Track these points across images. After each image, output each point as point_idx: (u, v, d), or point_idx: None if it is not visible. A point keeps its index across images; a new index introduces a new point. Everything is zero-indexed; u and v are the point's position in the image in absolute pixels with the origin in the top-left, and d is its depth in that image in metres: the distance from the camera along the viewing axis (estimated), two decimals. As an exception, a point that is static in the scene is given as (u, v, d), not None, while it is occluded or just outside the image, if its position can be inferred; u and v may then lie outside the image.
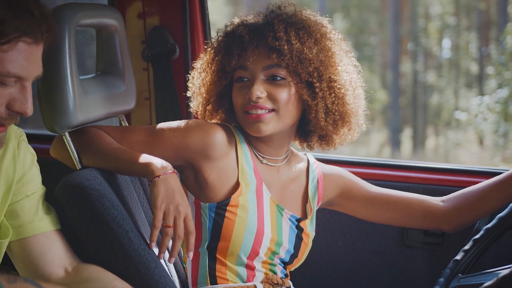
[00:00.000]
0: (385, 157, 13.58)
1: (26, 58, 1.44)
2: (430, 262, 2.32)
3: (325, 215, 2.26)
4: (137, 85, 2.43)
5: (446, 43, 15.63)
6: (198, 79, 2.03)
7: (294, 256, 2.03)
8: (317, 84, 1.89)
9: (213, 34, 2.09)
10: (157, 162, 1.77)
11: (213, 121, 2.05)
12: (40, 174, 1.78)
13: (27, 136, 1.79)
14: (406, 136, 15.20)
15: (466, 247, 1.78)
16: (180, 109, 2.40)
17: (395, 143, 14.50)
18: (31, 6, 1.43)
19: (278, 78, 1.88)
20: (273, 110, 1.89)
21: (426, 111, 15.37)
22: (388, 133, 15.10)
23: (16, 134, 1.71)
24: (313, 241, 2.09)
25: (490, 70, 12.35)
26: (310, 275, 2.35)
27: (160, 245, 1.75)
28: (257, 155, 1.99)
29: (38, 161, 1.80)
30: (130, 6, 2.42)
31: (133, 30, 2.43)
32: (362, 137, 15.12)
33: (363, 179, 2.15)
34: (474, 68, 14.89)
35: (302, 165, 2.10)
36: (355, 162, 2.45)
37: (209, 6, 2.45)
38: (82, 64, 2.14)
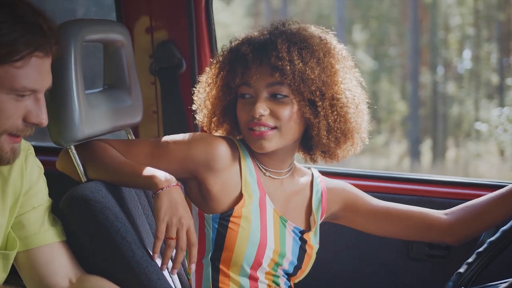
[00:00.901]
0: (405, 169, 13.54)
1: (39, 72, 1.51)
2: (435, 275, 2.32)
3: (330, 228, 2.27)
4: (145, 98, 2.47)
5: (466, 54, 15.56)
6: (203, 93, 2.06)
7: (297, 267, 2.05)
8: (319, 103, 1.91)
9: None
10: (161, 175, 1.80)
11: (218, 132, 2.08)
12: (46, 187, 1.82)
13: (35, 149, 1.83)
14: (426, 147, 15.13)
15: (470, 260, 1.78)
16: (186, 122, 2.43)
17: (415, 154, 14.44)
18: (40, 21, 1.49)
19: (281, 96, 1.91)
20: (275, 127, 1.91)
21: (446, 122, 15.30)
22: (407, 144, 15.04)
23: (24, 148, 1.75)
24: (319, 253, 2.11)
25: (510, 81, 12.29)
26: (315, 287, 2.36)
27: (163, 256, 1.78)
28: (261, 167, 2.01)
29: (45, 173, 1.84)
30: (138, 21, 2.46)
31: (141, 45, 2.47)
32: (382, 149, 15.10)
33: (366, 191, 2.16)
34: (494, 79, 14.80)
35: (306, 179, 2.12)
36: (359, 175, 2.46)
37: (229, 19, 2.49)
38: (94, 77, 2.18)
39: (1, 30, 1.43)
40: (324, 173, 2.24)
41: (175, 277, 2.01)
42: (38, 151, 1.89)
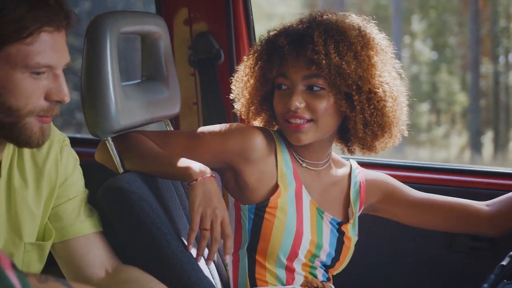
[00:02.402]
0: (465, 161, 13.31)
1: (51, 47, 1.49)
2: (478, 267, 2.27)
3: (370, 220, 2.23)
4: (185, 90, 2.48)
5: (529, 42, 15.17)
6: (241, 82, 2.05)
7: (335, 259, 2.03)
8: (356, 97, 1.88)
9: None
10: (196, 166, 1.80)
11: (256, 121, 2.08)
12: (82, 178, 1.83)
13: (74, 141, 1.85)
14: (488, 139, 14.83)
15: None
16: (225, 113, 2.43)
17: (476, 146, 14.16)
18: None
19: (317, 88, 1.89)
20: (311, 120, 1.89)
21: (509, 113, 14.95)
22: (468, 136, 14.77)
23: (59, 140, 1.76)
24: (358, 245, 2.08)
25: None
26: (354, 279, 2.33)
27: (197, 247, 1.78)
28: (297, 158, 2.00)
29: (84, 164, 1.86)
30: (177, 13, 2.46)
31: (180, 36, 2.48)
32: (442, 140, 14.86)
33: (406, 183, 2.13)
34: (558, 68, 14.40)
35: (344, 170, 2.09)
36: (399, 166, 2.42)
37: (286, 11, 2.48)
38: (136, 69, 2.20)
39: (6, 9, 1.42)
40: (364, 164, 2.21)
41: (213, 267, 2.01)
42: (77, 142, 1.92)
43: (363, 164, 2.20)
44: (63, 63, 1.54)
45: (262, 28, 2.04)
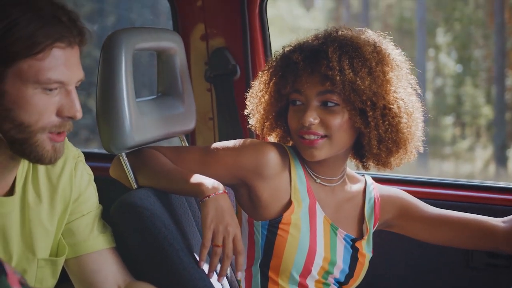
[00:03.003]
0: (490, 175, 13.18)
1: (64, 63, 1.49)
2: (496, 285, 2.25)
3: (386, 236, 2.22)
4: (201, 105, 2.49)
5: (555, 56, 15.02)
6: (255, 98, 2.05)
7: (349, 276, 2.01)
8: (370, 113, 1.87)
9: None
10: (208, 182, 1.80)
11: (271, 137, 2.08)
12: (96, 193, 1.84)
13: (89, 155, 1.86)
14: (513, 152, 14.68)
15: None
16: (241, 128, 2.43)
17: (501, 159, 14.03)
18: (58, 13, 1.48)
19: (331, 104, 1.88)
20: (325, 136, 1.89)
21: (534, 126, 14.81)
22: (493, 150, 14.64)
23: (74, 155, 1.77)
24: (373, 262, 2.07)
25: None
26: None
27: (209, 264, 1.78)
28: (311, 174, 1.99)
29: (99, 179, 1.87)
30: (194, 28, 2.48)
31: (197, 52, 2.50)
32: (467, 154, 14.74)
33: (421, 199, 2.11)
34: None
35: (359, 186, 2.08)
36: (414, 181, 2.40)
37: (310, 24, 2.48)
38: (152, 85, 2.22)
39: (19, 25, 1.43)
40: (380, 180, 2.20)
41: (226, 283, 2.01)
42: (93, 157, 1.93)
43: (378, 180, 2.19)
44: (76, 79, 1.54)
45: (285, 41, 2.03)
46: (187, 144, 2.23)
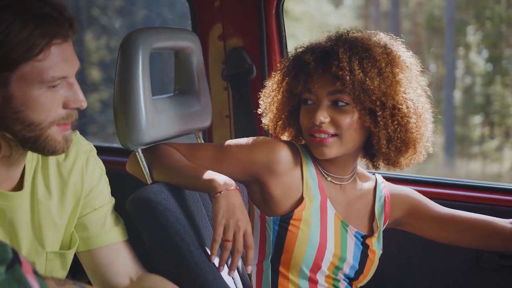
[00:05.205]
0: (519, 175, 13.05)
1: (63, 59, 1.53)
2: (506, 285, 2.26)
3: (398, 234, 2.25)
4: (218, 103, 2.54)
5: None
6: (268, 98, 2.10)
7: (359, 272, 2.05)
8: (380, 113, 1.91)
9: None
10: (220, 178, 1.85)
11: (284, 136, 2.12)
12: (108, 187, 1.88)
13: (103, 149, 1.90)
14: (543, 152, 14.51)
15: None
16: (256, 126, 2.47)
17: (531, 160, 13.88)
18: (48, 10, 1.50)
19: (342, 103, 1.92)
20: (336, 134, 1.93)
21: None
22: (523, 149, 14.47)
23: (86, 150, 1.81)
24: (384, 259, 2.11)
25: None
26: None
27: (219, 258, 1.83)
28: (322, 172, 2.04)
29: (114, 173, 1.91)
30: (211, 28, 2.53)
31: (214, 51, 2.54)
32: (495, 154, 14.62)
33: (431, 198, 2.14)
34: None
35: (369, 184, 2.12)
36: (425, 182, 2.43)
37: (338, 21, 2.51)
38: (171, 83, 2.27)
39: (14, 30, 1.45)
40: (391, 179, 2.23)
41: (237, 277, 2.06)
42: (106, 151, 1.97)
43: (389, 179, 2.22)
44: (75, 70, 1.58)
45: (315, 38, 2.07)
46: (202, 141, 2.28)
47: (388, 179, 2.21)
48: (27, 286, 1.05)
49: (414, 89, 1.98)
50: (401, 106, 1.92)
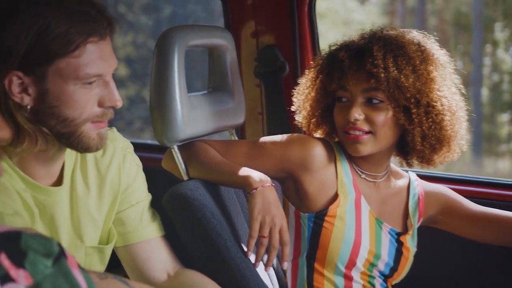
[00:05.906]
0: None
1: (99, 56, 1.54)
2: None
3: (433, 233, 2.23)
4: (251, 100, 2.55)
5: None
6: (302, 95, 2.11)
7: (394, 269, 2.06)
8: (414, 110, 1.91)
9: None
10: (256, 175, 1.86)
11: (317, 133, 2.13)
12: (145, 183, 1.90)
13: (143, 146, 1.92)
14: None
15: None
16: (288, 123, 2.48)
17: None
18: (86, 8, 1.52)
19: (376, 101, 1.93)
20: (370, 132, 1.94)
21: None
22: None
23: (123, 147, 1.83)
24: (420, 258, 2.10)
25: None
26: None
27: (256, 254, 1.84)
28: (356, 169, 2.04)
29: (151, 170, 1.93)
30: (244, 26, 2.54)
31: (247, 49, 2.56)
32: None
33: (466, 197, 2.13)
34: None
35: (403, 182, 2.13)
36: (460, 180, 2.41)
37: (364, 18, 2.51)
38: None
39: (51, 26, 1.47)
40: (424, 177, 2.23)
41: (272, 273, 2.07)
42: (143, 148, 1.98)
43: (423, 177, 2.22)
44: (112, 69, 1.59)
45: (339, 34, 2.08)
46: (236, 138, 2.30)
47: (420, 177, 2.20)
48: (73, 279, 1.07)
49: (448, 87, 1.98)
50: (435, 104, 1.92)
